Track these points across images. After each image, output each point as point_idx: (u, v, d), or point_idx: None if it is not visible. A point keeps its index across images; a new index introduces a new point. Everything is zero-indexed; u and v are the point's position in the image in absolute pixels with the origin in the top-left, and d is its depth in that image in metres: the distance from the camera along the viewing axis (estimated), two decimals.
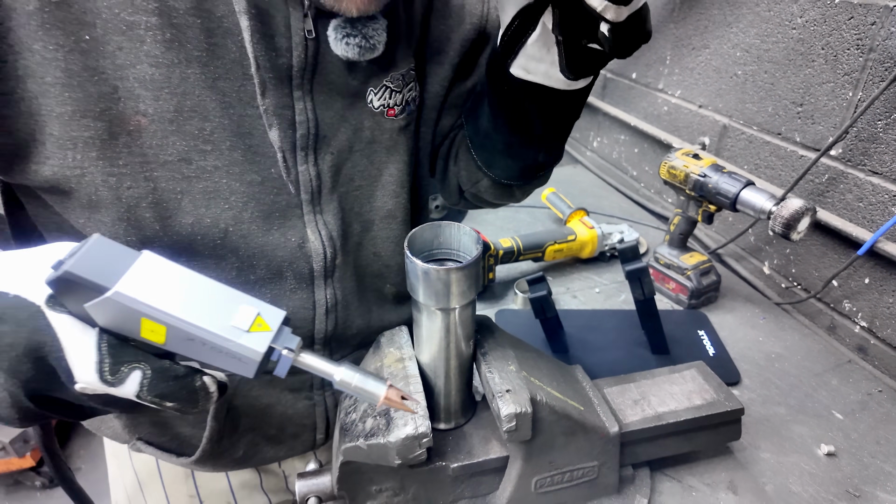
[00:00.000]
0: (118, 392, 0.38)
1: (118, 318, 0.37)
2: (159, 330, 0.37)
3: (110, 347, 0.37)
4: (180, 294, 0.38)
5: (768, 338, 0.99)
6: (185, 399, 0.40)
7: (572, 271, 1.19)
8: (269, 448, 0.73)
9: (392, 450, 0.53)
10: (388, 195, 0.67)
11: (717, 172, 0.95)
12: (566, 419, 0.58)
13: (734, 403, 0.68)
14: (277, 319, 0.41)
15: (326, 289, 0.64)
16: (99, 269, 0.36)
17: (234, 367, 0.40)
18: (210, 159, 0.53)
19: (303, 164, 0.58)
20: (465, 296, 0.53)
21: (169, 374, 0.39)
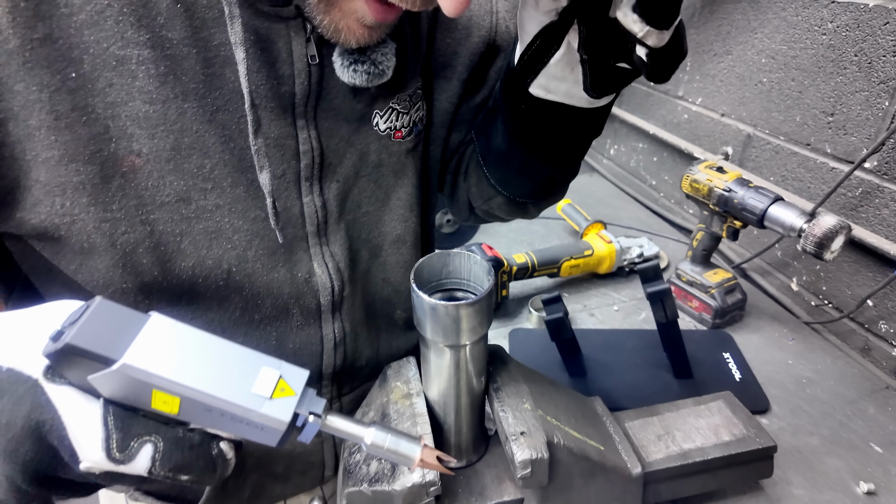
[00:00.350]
0: (127, 470, 0.34)
1: (126, 390, 0.33)
2: (172, 401, 0.34)
3: (117, 420, 0.33)
4: (195, 361, 0.35)
5: (798, 360, 0.94)
6: (203, 469, 0.36)
7: (589, 287, 1.14)
8: (276, 486, 0.70)
9: (398, 498, 0.49)
10: (397, 219, 0.64)
11: (742, 187, 0.90)
12: (585, 461, 0.54)
13: (766, 440, 0.64)
14: (301, 381, 0.38)
15: (334, 323, 0.61)
16: (103, 338, 0.32)
17: (256, 437, 0.36)
18: (211, 198, 0.50)
19: (307, 195, 0.55)
20: (476, 331, 0.49)
21: (184, 444, 0.35)
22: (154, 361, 0.33)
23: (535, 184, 0.64)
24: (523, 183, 0.64)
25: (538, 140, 0.57)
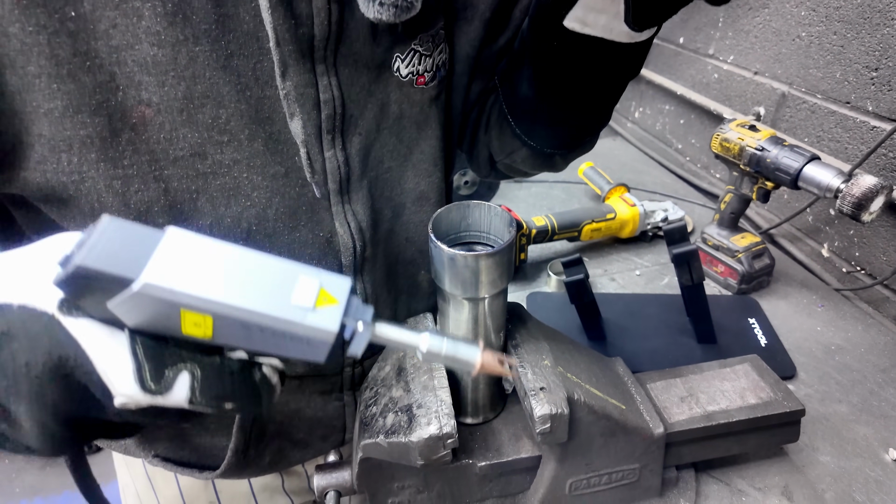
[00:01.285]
0: (166, 401, 0.31)
1: (152, 314, 0.30)
2: (205, 322, 0.30)
3: (147, 350, 0.30)
4: (224, 274, 0.31)
5: (827, 327, 0.91)
6: (247, 396, 0.33)
7: (610, 252, 1.11)
8: (296, 452, 0.70)
9: (414, 450, 0.48)
10: (421, 175, 0.61)
11: (776, 146, 0.86)
12: (606, 419, 0.53)
13: (794, 404, 0.61)
14: (344, 289, 0.34)
15: (357, 284, 0.59)
16: (117, 256, 0.29)
17: (301, 353, 0.33)
18: (228, 152, 0.47)
19: (329, 149, 0.52)
20: (496, 284, 0.47)
21: (223, 371, 0.32)
22: (178, 277, 0.29)
23: (565, 133, 0.60)
24: (552, 132, 0.60)
25: (570, 83, 0.53)
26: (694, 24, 1.39)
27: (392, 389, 0.54)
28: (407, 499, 0.56)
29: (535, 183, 1.41)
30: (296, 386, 0.63)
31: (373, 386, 0.57)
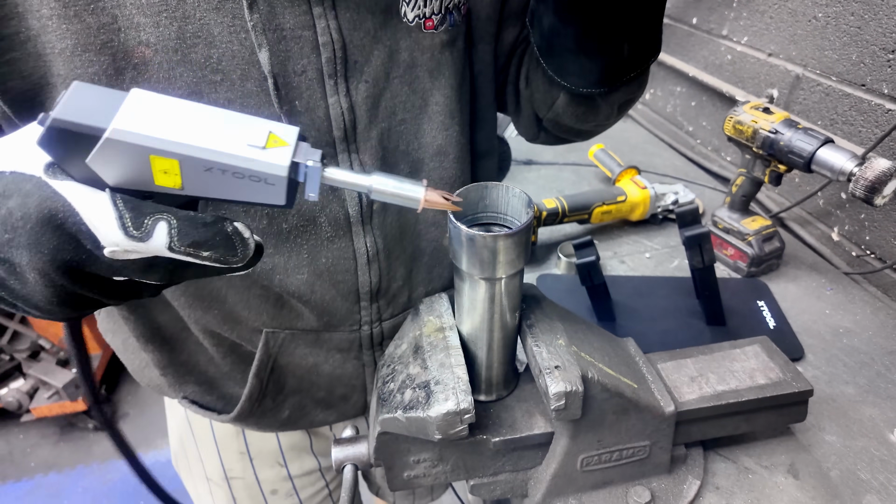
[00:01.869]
0: (148, 247, 0.33)
1: (125, 164, 0.33)
2: (172, 167, 0.33)
3: (126, 202, 0.33)
4: (184, 122, 0.34)
5: (836, 310, 0.91)
6: (222, 245, 0.35)
7: (620, 234, 1.12)
8: (319, 411, 0.71)
9: (432, 424, 0.50)
10: (437, 128, 0.59)
11: (790, 128, 0.86)
12: (618, 397, 0.54)
13: (802, 384, 0.62)
14: (293, 134, 0.37)
15: (366, 236, 0.60)
16: (89, 111, 0.32)
17: (262, 195, 0.36)
18: (221, 91, 0.49)
19: (332, 94, 0.52)
20: (514, 265, 0.48)
21: (197, 222, 0.35)
22: (143, 123, 0.32)
23: (599, 65, 0.55)
24: (584, 66, 0.56)
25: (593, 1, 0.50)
26: (708, 4, 1.37)
27: (409, 366, 0.55)
28: (423, 472, 0.58)
29: (545, 165, 1.41)
30: (313, 339, 0.65)
31: (390, 363, 0.58)
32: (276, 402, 0.68)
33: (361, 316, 0.65)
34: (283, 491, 0.86)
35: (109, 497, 1.98)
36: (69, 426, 2.24)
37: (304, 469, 0.85)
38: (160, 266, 0.35)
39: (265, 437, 0.80)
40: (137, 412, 2.32)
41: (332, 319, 0.64)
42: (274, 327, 0.64)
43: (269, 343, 0.64)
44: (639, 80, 0.60)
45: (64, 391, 2.03)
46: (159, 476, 2.08)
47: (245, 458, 0.82)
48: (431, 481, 0.59)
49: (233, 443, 0.80)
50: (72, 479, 2.05)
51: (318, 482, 0.89)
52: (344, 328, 0.65)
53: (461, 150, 0.62)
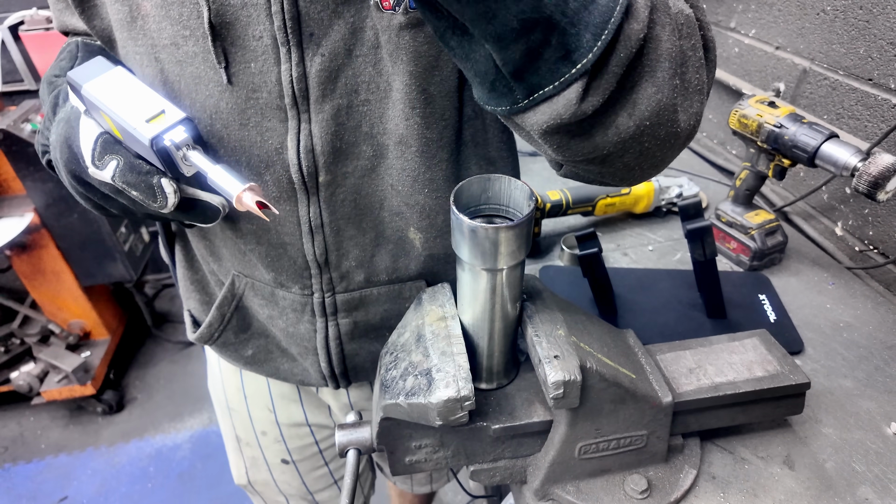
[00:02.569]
0: (103, 175, 0.50)
1: (96, 113, 0.50)
2: (110, 122, 0.49)
3: (103, 143, 0.50)
4: (123, 96, 0.49)
5: (837, 305, 0.92)
6: (144, 190, 0.49)
7: (624, 227, 1.12)
8: (284, 361, 0.78)
9: (433, 411, 0.51)
10: (399, 116, 0.58)
11: (795, 123, 0.86)
12: (616, 387, 0.55)
13: (799, 377, 0.63)
14: (176, 117, 0.49)
15: (311, 206, 0.62)
16: (84, 75, 0.50)
17: (152, 157, 0.49)
18: (190, 44, 0.55)
19: (285, 62, 0.54)
20: (515, 256, 0.49)
21: (135, 168, 0.49)
22: (99, 90, 0.49)
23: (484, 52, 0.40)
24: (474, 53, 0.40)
25: None
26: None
27: (411, 354, 0.56)
28: (424, 457, 0.59)
29: None
30: (269, 293, 0.71)
31: (392, 351, 0.59)
32: (238, 338, 0.78)
33: (312, 282, 0.68)
34: (272, 435, 0.93)
35: (118, 479, 2.02)
36: (78, 410, 2.28)
37: (291, 420, 0.91)
38: (124, 194, 0.52)
39: (257, 379, 0.88)
40: (146, 397, 2.36)
41: (281, 277, 0.69)
42: (240, 271, 0.72)
43: (235, 284, 0.73)
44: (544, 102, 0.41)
45: (73, 375, 2.06)
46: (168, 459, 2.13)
47: (241, 394, 0.90)
48: (432, 466, 0.60)
49: (233, 378, 0.90)
50: (81, 461, 2.09)
51: (306, 437, 0.94)
52: (295, 289, 0.69)
53: (427, 145, 0.59)
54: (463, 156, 0.65)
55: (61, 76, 0.62)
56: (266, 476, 0.98)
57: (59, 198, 1.87)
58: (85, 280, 2.12)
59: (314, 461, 0.98)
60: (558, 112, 0.40)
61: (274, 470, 0.97)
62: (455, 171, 0.65)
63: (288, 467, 0.97)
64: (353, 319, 0.71)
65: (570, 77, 0.38)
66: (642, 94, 0.42)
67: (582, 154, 0.45)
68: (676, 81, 0.42)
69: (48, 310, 2.16)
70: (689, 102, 0.45)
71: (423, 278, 0.71)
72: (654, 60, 0.41)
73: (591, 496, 0.60)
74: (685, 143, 0.49)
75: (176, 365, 2.50)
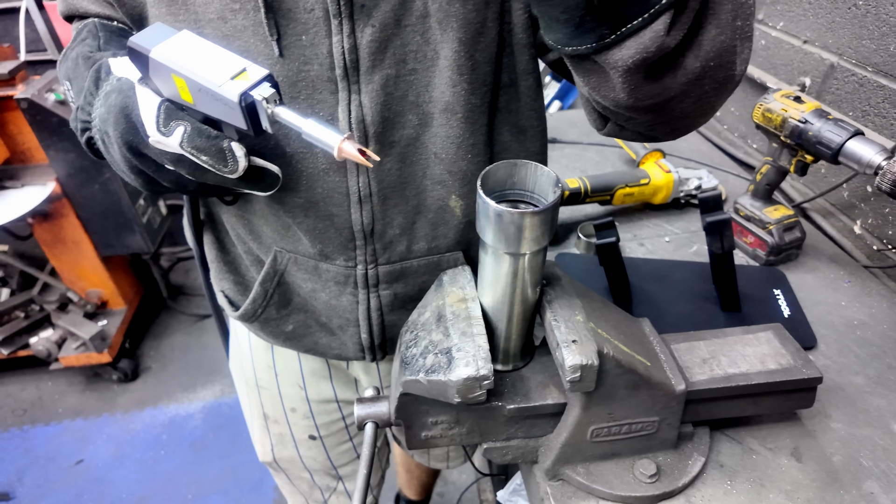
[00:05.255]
0: (168, 142, 0.48)
1: (163, 78, 0.48)
2: (183, 85, 0.47)
3: (166, 109, 0.48)
4: (197, 57, 0.47)
5: (852, 302, 0.92)
6: (215, 154, 0.48)
7: (641, 217, 1.13)
8: (322, 335, 0.78)
9: (452, 388, 0.52)
10: (446, 83, 0.59)
11: (820, 119, 0.86)
12: (631, 373, 0.56)
13: (812, 371, 0.64)
14: (260, 74, 0.47)
15: (360, 177, 0.63)
16: (149, 40, 0.47)
17: (232, 117, 0.47)
18: (239, 18, 0.55)
19: (336, 34, 0.55)
20: (538, 242, 0.50)
21: (203, 133, 0.48)
22: (171, 52, 0.47)
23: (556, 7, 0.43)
24: (546, 11, 0.45)
25: None
26: None
27: (432, 333, 0.58)
28: (439, 433, 0.61)
29: (570, 144, 1.41)
30: (312, 267, 0.71)
31: (413, 329, 0.61)
32: (280, 314, 0.77)
33: (356, 254, 0.69)
34: (301, 411, 0.94)
35: (132, 445, 2.07)
36: (95, 376, 2.33)
37: (321, 396, 0.93)
38: (185, 162, 0.49)
39: (288, 356, 0.89)
40: (160, 367, 2.41)
41: (326, 250, 0.69)
42: (282, 247, 0.71)
43: (277, 260, 0.73)
44: (649, 29, 0.42)
45: (90, 343, 2.11)
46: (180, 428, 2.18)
47: (271, 372, 0.91)
48: (447, 442, 0.62)
49: (264, 356, 0.90)
50: (97, 426, 2.15)
51: (334, 413, 0.96)
52: (339, 262, 0.70)
53: (471, 111, 0.61)
54: (496, 122, 0.67)
55: (96, 52, 0.61)
56: (292, 453, 0.99)
57: (80, 168, 1.90)
58: (103, 250, 2.15)
59: (340, 436, 1.00)
60: (645, 45, 0.42)
61: (301, 446, 0.99)
62: (491, 137, 0.67)
63: (315, 443, 0.99)
64: (393, 291, 0.73)
65: (660, 7, 0.41)
66: (707, 34, 0.44)
67: (650, 97, 0.48)
68: (737, 23, 0.46)
69: (67, 278, 2.21)
70: (743, 47, 0.48)
71: (461, 248, 0.72)
72: (717, 3, 0.44)
73: (601, 478, 0.62)
74: (733, 90, 0.52)
75: (190, 336, 2.54)
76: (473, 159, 0.65)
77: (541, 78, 0.68)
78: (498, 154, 0.69)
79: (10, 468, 2.01)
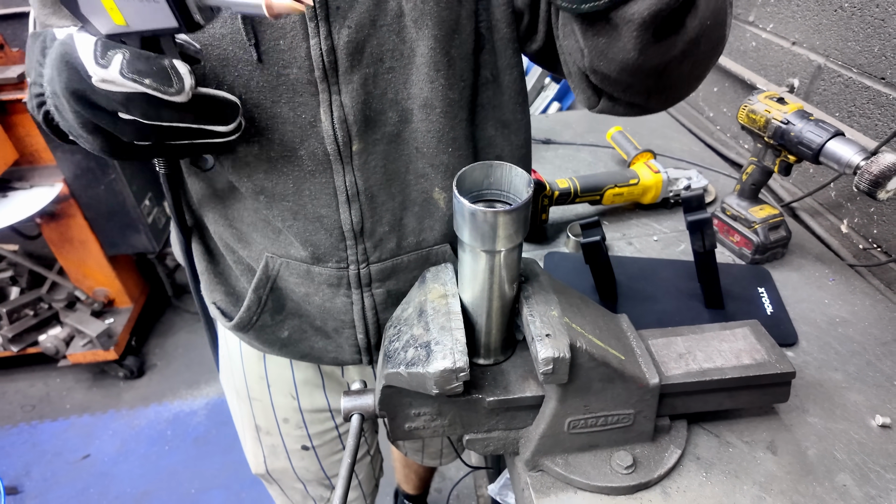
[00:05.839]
0: (109, 73, 0.44)
1: (93, 8, 0.44)
2: (111, 4, 0.43)
3: (102, 43, 0.45)
4: None
5: (835, 300, 0.93)
6: (159, 75, 0.45)
7: (631, 217, 1.15)
8: (318, 339, 0.78)
9: (430, 380, 0.55)
10: (423, 79, 0.61)
11: (802, 120, 0.87)
12: (605, 367, 0.59)
13: (785, 366, 0.66)
14: None
15: (346, 175, 0.64)
16: None
17: (160, 19, 0.43)
18: (217, 27, 0.56)
19: (314, 37, 0.57)
20: (512, 239, 0.52)
21: (142, 56, 0.45)
22: None
23: None
24: None
25: None
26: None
27: (413, 328, 0.60)
28: (422, 424, 0.63)
29: (564, 145, 1.43)
30: (304, 271, 0.72)
31: (396, 324, 0.63)
32: (274, 320, 0.77)
33: (348, 255, 0.70)
34: (294, 421, 0.94)
35: (137, 440, 2.11)
36: (101, 373, 2.37)
37: (314, 405, 0.93)
38: (135, 101, 0.46)
39: (281, 365, 0.89)
40: (164, 364, 2.44)
41: (318, 252, 0.69)
42: (273, 252, 0.72)
43: (269, 266, 0.72)
44: None
45: (97, 340, 2.15)
46: (184, 424, 2.21)
47: (263, 383, 0.91)
48: (430, 434, 0.64)
49: (255, 366, 0.90)
50: (103, 421, 2.19)
51: (327, 422, 0.97)
52: (331, 264, 0.70)
53: (450, 106, 0.63)
54: (479, 118, 0.69)
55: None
56: (285, 464, 0.99)
57: (86, 169, 1.94)
58: (109, 249, 2.19)
59: (333, 446, 1.00)
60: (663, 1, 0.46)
61: (293, 456, 0.98)
62: (473, 132, 0.69)
63: (308, 453, 0.98)
64: (386, 289, 0.74)
65: None
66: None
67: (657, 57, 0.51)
68: None
69: (74, 277, 2.25)
70: (730, 9, 0.53)
71: (447, 241, 0.74)
72: None
73: (579, 469, 0.64)
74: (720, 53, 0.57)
75: (194, 335, 2.58)
76: (454, 153, 0.67)
77: (524, 71, 0.70)
78: (482, 149, 0.71)
79: (18, 462, 2.05)
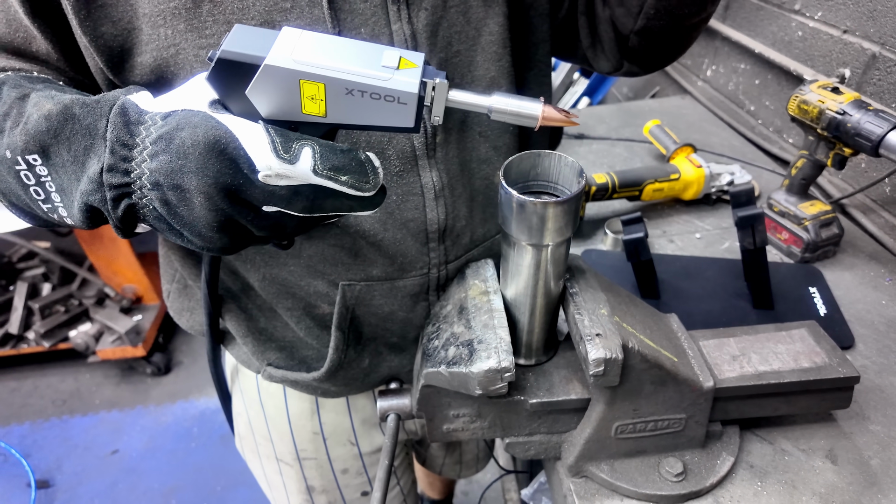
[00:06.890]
0: (295, 170, 0.38)
1: (278, 92, 0.38)
2: (319, 91, 0.38)
3: (277, 131, 0.38)
4: (327, 51, 0.38)
5: (893, 301, 0.88)
6: (357, 170, 0.40)
7: (671, 213, 1.10)
8: (393, 357, 0.75)
9: (473, 380, 0.52)
10: (490, 59, 0.60)
11: (859, 110, 0.82)
12: (657, 369, 0.55)
13: (848, 370, 0.62)
14: (420, 57, 0.40)
15: (432, 171, 0.61)
16: (249, 46, 0.37)
17: (394, 117, 0.40)
18: (292, 19, 0.51)
19: (396, 21, 0.54)
20: (561, 233, 0.50)
21: (335, 149, 0.39)
22: (295, 53, 0.38)
23: None
24: None
25: None
26: None
27: (454, 325, 0.58)
28: (461, 426, 0.61)
29: (598, 140, 1.39)
30: (388, 289, 0.67)
31: (435, 322, 0.61)
32: (356, 351, 0.71)
33: (430, 258, 0.66)
34: (354, 469, 0.88)
35: (164, 436, 2.13)
36: (129, 370, 2.40)
37: (373, 446, 0.88)
38: (303, 195, 0.39)
39: (339, 414, 0.83)
40: (191, 361, 2.46)
41: (404, 262, 0.65)
42: (349, 279, 0.65)
43: (346, 295, 0.66)
44: None
45: (126, 337, 2.17)
46: (210, 421, 2.22)
47: (318, 439, 0.84)
48: (469, 436, 0.62)
49: (307, 423, 0.82)
50: (131, 417, 2.21)
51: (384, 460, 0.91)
52: (415, 272, 0.66)
53: (511, 83, 0.63)
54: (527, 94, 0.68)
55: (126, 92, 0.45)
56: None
57: None
58: (138, 247, 2.22)
59: (390, 483, 0.92)
60: None
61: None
62: None
63: (366, 498, 0.91)
64: None
65: None
66: None
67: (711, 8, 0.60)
68: None
69: (104, 274, 2.28)
70: None
71: None
72: None
73: (626, 475, 0.61)
74: None
75: None
76: (514, 130, 0.65)
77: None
78: None
79: (49, 456, 2.08)
